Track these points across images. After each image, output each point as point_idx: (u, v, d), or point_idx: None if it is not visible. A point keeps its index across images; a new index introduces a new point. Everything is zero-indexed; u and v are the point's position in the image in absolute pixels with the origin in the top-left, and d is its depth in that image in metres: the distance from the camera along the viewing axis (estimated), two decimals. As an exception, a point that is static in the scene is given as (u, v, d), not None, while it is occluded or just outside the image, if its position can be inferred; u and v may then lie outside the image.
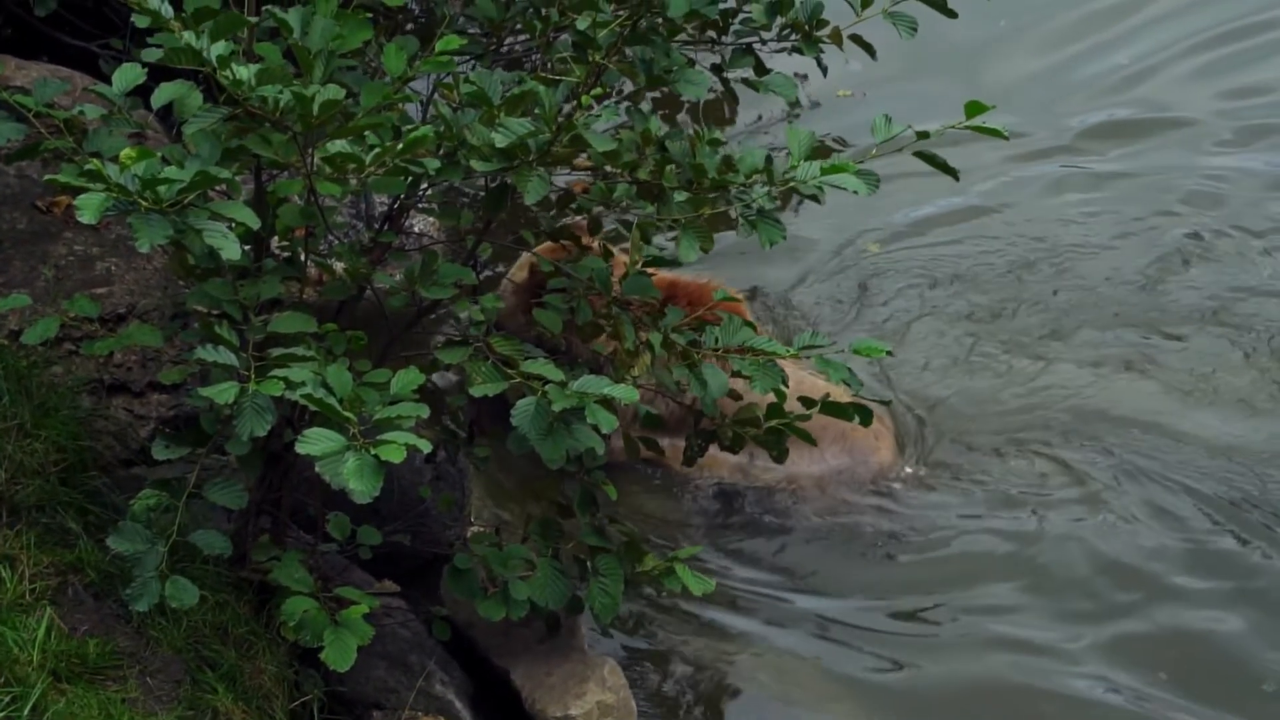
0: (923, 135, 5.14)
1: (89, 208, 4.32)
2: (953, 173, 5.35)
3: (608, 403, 4.75)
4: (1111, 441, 7.54)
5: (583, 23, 5.06)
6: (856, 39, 5.91)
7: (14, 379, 5.54)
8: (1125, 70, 10.19)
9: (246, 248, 4.96)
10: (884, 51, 6.10)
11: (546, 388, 4.82)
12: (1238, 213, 9.03)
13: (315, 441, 4.30)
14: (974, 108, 5.09)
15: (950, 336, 8.19)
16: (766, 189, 5.09)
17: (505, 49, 6.35)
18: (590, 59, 5.06)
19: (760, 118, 9.49)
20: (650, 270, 5.62)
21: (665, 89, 5.61)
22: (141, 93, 5.14)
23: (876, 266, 8.64)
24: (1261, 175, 9.36)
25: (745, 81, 5.96)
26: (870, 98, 9.48)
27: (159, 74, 4.99)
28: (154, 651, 5.07)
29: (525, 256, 6.94)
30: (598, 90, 5.05)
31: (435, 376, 5.59)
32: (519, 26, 5.92)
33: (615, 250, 6.00)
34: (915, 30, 5.71)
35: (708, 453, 5.95)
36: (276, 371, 4.58)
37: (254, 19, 4.91)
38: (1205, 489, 7.28)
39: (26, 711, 4.67)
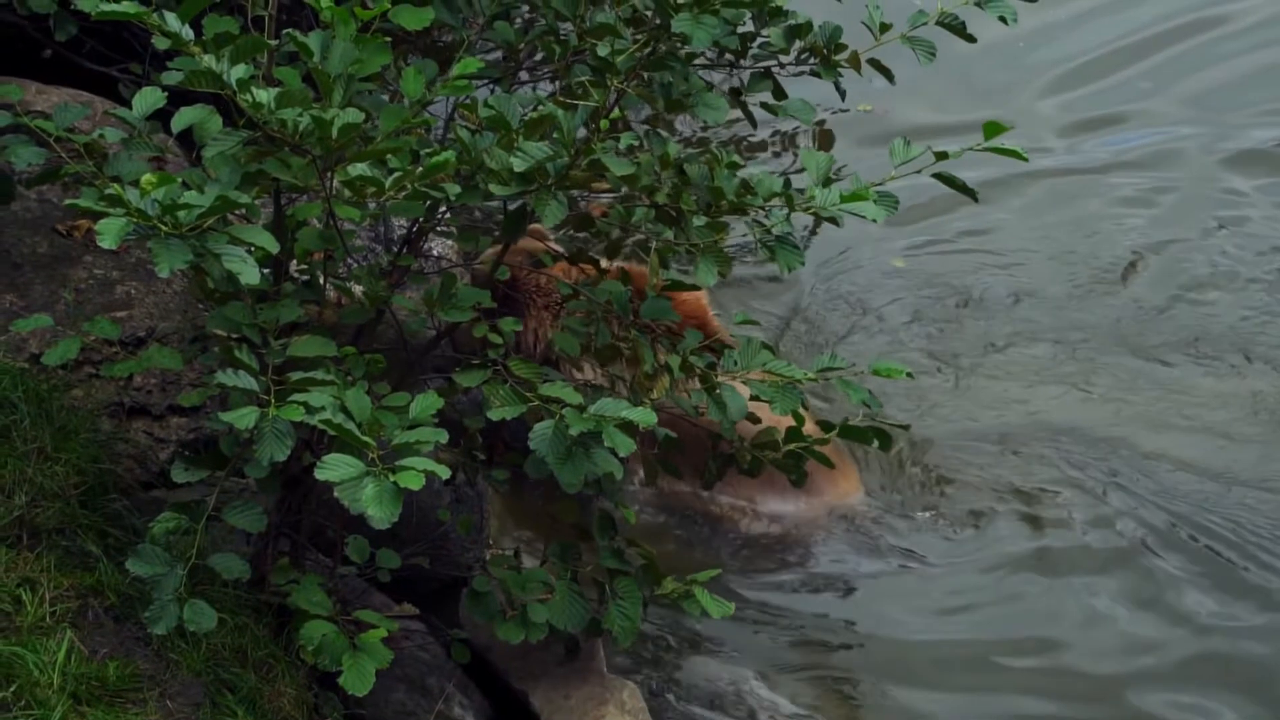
0: (941, 156, 5.14)
1: (109, 232, 4.33)
2: (972, 194, 5.33)
3: (626, 426, 4.75)
4: (1103, 471, 7.43)
5: (603, 49, 5.06)
6: (875, 63, 5.90)
7: (35, 402, 5.55)
8: (1075, 62, 10.20)
9: (265, 271, 4.97)
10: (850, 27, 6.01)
11: (564, 411, 4.82)
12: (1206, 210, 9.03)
13: (334, 467, 4.31)
14: (992, 128, 5.08)
15: (926, 357, 8.15)
16: (785, 213, 5.09)
17: (525, 71, 6.36)
18: (609, 83, 5.07)
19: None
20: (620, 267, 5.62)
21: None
22: (161, 117, 5.16)
23: (855, 278, 8.63)
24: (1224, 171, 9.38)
25: (764, 106, 5.97)
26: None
27: (179, 98, 5.00)
28: (174, 674, 5.07)
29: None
30: (616, 114, 5.06)
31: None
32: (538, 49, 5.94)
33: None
34: (934, 55, 5.70)
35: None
36: (296, 396, 4.59)
37: (274, 43, 4.92)
38: (1209, 526, 7.16)
39: (47, 734, 4.69)
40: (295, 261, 5.30)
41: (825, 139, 9.53)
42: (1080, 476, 7.40)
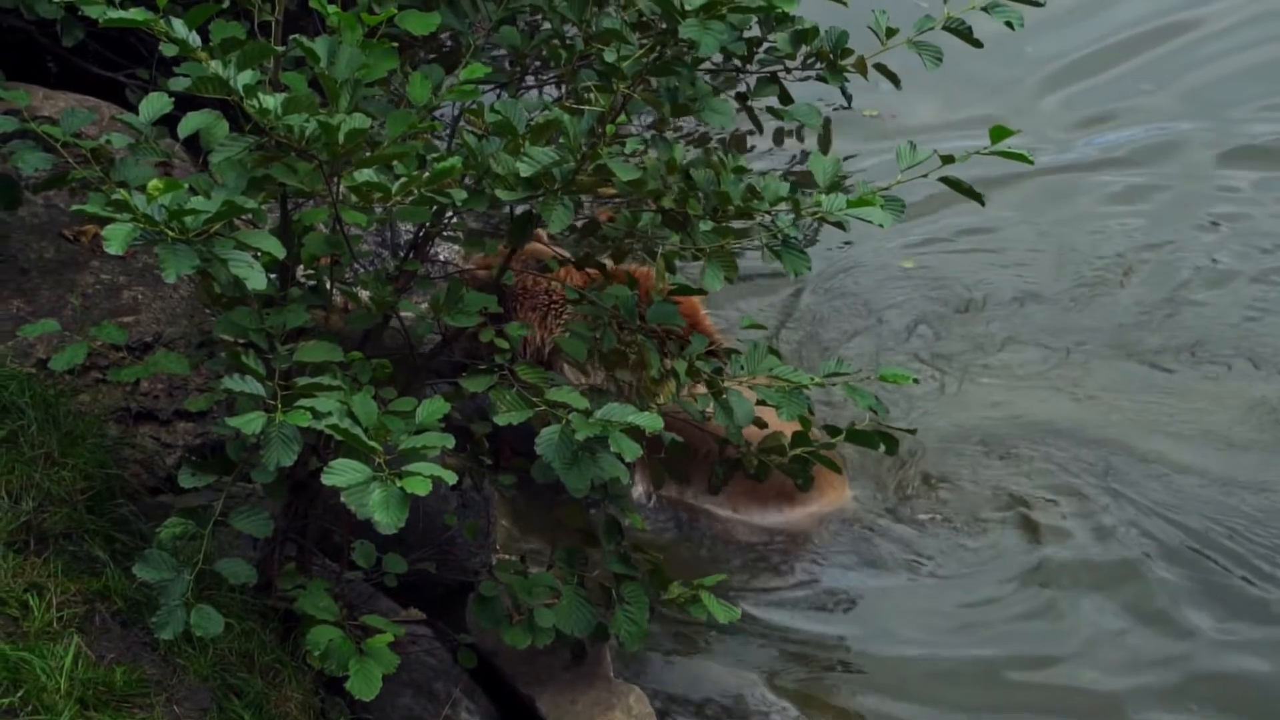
0: (947, 159, 5.13)
1: (116, 238, 4.33)
2: (978, 197, 5.33)
3: (632, 431, 4.75)
4: (1102, 478, 7.36)
5: (609, 54, 5.06)
6: (881, 68, 5.90)
7: (42, 407, 5.56)
8: (1071, 57, 10.20)
9: (272, 276, 4.98)
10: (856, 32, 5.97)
11: (570, 416, 4.82)
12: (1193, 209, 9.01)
13: (341, 472, 4.31)
14: (998, 132, 5.08)
15: (923, 359, 8.12)
16: (792, 217, 5.09)
17: (531, 76, 6.36)
18: (615, 88, 5.07)
19: None
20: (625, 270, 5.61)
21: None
22: (168, 122, 5.16)
23: (857, 276, 8.61)
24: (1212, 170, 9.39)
25: (771, 110, 5.97)
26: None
27: (185, 103, 5.01)
28: (181, 679, 5.07)
29: None
30: (622, 119, 5.06)
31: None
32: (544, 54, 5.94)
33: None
34: (940, 61, 5.69)
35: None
36: (303, 401, 4.59)
37: (280, 48, 4.93)
38: (1201, 527, 7.11)
39: (54, 739, 4.69)
40: (302, 266, 5.30)
41: (824, 138, 9.53)
42: (1078, 483, 7.37)
